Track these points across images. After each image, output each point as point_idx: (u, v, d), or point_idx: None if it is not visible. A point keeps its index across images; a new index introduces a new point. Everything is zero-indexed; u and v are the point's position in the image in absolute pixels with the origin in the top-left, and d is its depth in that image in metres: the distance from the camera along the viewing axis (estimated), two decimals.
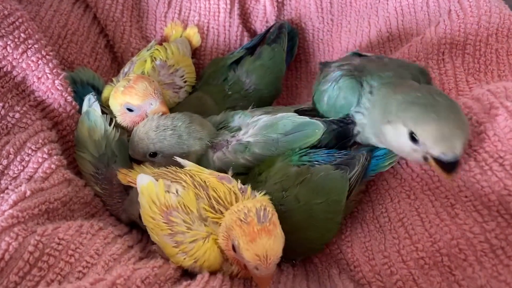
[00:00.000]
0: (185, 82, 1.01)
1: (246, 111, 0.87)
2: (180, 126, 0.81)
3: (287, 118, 0.81)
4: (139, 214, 0.75)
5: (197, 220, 0.68)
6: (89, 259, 0.64)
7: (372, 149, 0.77)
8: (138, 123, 0.86)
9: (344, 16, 1.16)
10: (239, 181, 0.73)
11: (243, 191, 0.71)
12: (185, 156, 0.81)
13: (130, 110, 0.86)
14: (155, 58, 1.00)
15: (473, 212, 0.66)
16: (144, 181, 0.73)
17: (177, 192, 0.70)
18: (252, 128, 0.82)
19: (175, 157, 0.79)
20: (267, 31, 1.12)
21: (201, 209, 0.69)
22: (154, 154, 0.83)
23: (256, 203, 0.65)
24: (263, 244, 0.60)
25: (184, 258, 0.67)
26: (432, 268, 0.65)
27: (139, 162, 0.86)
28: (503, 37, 0.91)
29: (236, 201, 0.69)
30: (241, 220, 0.63)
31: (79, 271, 0.62)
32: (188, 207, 0.69)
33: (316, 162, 0.77)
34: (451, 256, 0.65)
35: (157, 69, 0.97)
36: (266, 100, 1.03)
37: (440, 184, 0.69)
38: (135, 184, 0.78)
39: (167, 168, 0.78)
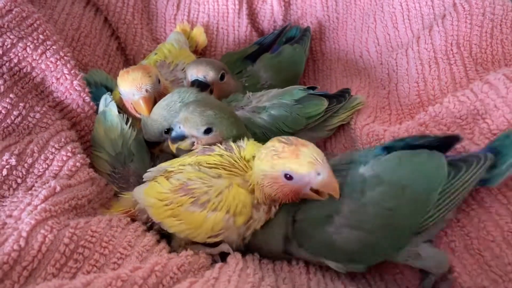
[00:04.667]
0: None
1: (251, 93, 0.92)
2: (188, 97, 0.83)
3: (297, 89, 0.90)
4: None
5: (213, 178, 0.70)
6: (123, 251, 0.64)
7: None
8: (128, 107, 0.89)
9: (349, 14, 1.18)
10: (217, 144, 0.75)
11: (229, 149, 0.74)
12: None
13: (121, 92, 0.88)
14: (156, 61, 1.02)
15: (498, 195, 0.68)
16: (144, 186, 0.75)
17: (178, 180, 0.72)
18: (267, 96, 0.88)
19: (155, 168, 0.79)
20: (282, 30, 1.14)
21: (210, 172, 0.71)
22: (169, 130, 0.83)
23: (272, 140, 0.68)
24: (306, 152, 0.64)
25: (216, 215, 0.68)
26: (463, 252, 0.67)
27: (155, 146, 0.88)
28: (507, 28, 0.93)
29: (233, 159, 0.72)
30: (274, 154, 0.65)
31: (114, 262, 0.62)
32: (198, 175, 0.70)
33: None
34: (480, 238, 0.66)
35: (158, 70, 0.98)
36: None
37: None
38: (126, 214, 0.77)
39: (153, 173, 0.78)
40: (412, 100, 0.90)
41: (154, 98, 0.87)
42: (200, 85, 0.90)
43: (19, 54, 0.80)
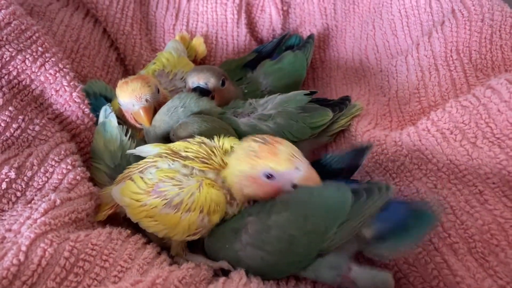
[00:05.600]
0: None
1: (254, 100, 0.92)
2: (189, 102, 0.84)
3: (300, 95, 0.90)
4: None
5: (183, 178, 0.70)
6: (123, 264, 0.63)
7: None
8: (128, 118, 0.89)
9: (348, 22, 1.18)
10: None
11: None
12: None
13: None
14: (155, 71, 1.02)
15: (502, 198, 0.67)
16: (121, 185, 0.75)
17: (151, 174, 0.72)
18: (271, 103, 0.88)
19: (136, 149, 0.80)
20: (282, 38, 1.14)
21: (181, 168, 0.71)
22: None
23: (246, 140, 0.69)
24: (284, 149, 0.66)
25: (191, 216, 0.68)
26: (466, 255, 0.66)
27: None
28: (506, 33, 0.93)
29: (211, 150, 0.73)
30: (252, 155, 0.66)
31: (115, 276, 0.61)
32: (168, 175, 0.70)
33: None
34: (484, 242, 0.65)
35: (157, 79, 0.98)
36: None
37: (467, 172, 0.70)
38: (112, 209, 0.78)
39: (128, 168, 0.79)
40: (413, 107, 0.90)
41: (154, 107, 0.86)
42: (202, 92, 0.90)
43: (18, 67, 0.80)
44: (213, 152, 0.73)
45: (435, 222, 0.66)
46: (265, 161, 0.66)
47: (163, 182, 0.70)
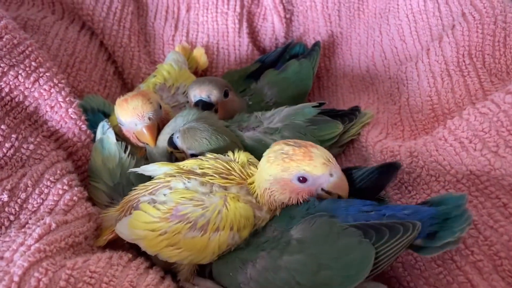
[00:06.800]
0: None
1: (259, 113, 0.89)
2: (191, 119, 0.80)
3: (308, 107, 0.87)
4: None
5: (204, 197, 0.66)
6: None
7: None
8: (130, 137, 0.85)
9: (353, 28, 1.15)
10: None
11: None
12: None
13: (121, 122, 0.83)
14: (155, 84, 0.98)
15: None
16: (127, 219, 0.70)
17: (165, 196, 0.68)
18: (278, 116, 0.85)
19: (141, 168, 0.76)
20: (286, 47, 1.11)
21: (199, 187, 0.67)
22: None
23: (277, 144, 0.66)
24: (319, 153, 0.63)
25: (220, 235, 0.64)
26: (492, 273, 0.61)
27: None
28: None
29: (229, 165, 0.70)
30: (285, 157, 0.63)
31: None
32: (186, 196, 0.66)
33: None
34: (511, 259, 0.61)
35: (159, 94, 0.94)
36: None
37: (489, 184, 0.66)
38: (113, 234, 0.73)
39: (134, 190, 0.75)
40: (426, 115, 0.86)
41: (157, 125, 0.82)
42: (205, 106, 0.86)
43: (11, 83, 0.76)
44: (231, 166, 0.70)
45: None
46: (299, 164, 0.62)
47: (182, 205, 0.65)
